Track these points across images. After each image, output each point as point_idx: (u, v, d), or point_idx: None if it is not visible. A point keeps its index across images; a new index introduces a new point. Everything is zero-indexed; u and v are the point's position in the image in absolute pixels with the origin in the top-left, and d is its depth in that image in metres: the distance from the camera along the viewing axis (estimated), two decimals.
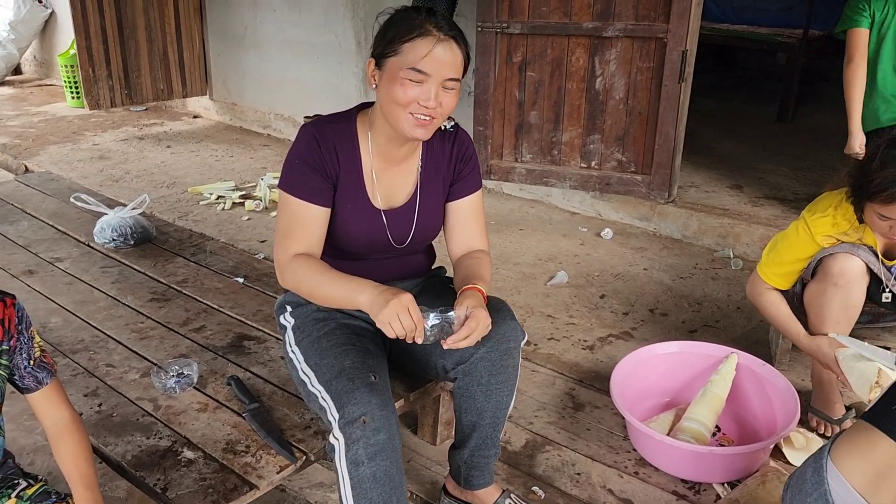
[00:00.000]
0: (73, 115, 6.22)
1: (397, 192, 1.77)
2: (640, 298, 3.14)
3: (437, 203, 1.81)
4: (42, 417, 1.38)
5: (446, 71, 1.57)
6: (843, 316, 2.10)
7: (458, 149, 1.81)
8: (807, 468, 1.40)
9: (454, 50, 1.58)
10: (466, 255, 1.81)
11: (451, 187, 1.82)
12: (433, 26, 1.56)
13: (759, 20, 6.18)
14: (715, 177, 4.25)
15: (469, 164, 1.82)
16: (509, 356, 1.69)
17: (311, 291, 1.66)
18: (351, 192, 1.72)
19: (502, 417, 1.76)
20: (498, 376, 1.69)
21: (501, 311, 1.71)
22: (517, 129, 3.89)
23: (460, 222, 1.83)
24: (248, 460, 1.65)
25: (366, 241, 1.76)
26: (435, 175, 1.80)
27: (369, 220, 1.74)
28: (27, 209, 3.17)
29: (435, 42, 1.55)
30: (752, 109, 5.83)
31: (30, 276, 2.55)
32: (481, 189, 1.86)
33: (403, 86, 1.56)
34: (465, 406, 1.74)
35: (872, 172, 1.87)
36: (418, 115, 1.59)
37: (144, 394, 1.90)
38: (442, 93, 1.58)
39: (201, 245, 2.86)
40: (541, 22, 3.65)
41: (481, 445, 1.77)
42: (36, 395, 1.36)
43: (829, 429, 2.23)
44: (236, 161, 5.07)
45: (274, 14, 5.40)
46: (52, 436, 1.38)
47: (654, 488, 2.01)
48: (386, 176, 1.76)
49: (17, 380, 1.35)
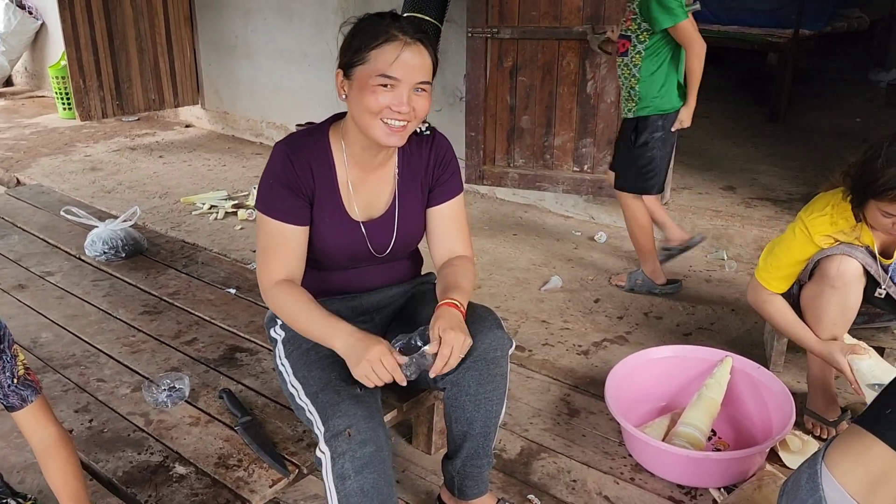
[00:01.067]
0: (65, 127, 6.21)
1: (375, 202, 1.76)
2: (634, 302, 3.13)
3: (416, 209, 1.80)
4: (29, 436, 1.37)
5: (416, 74, 1.56)
6: (840, 318, 2.10)
7: (437, 153, 1.79)
8: (802, 474, 1.39)
9: (422, 53, 1.57)
10: (447, 264, 1.79)
11: (431, 192, 1.80)
12: (398, 31, 1.55)
13: (749, 21, 6.19)
14: (707, 178, 4.25)
15: (448, 168, 1.80)
16: (496, 365, 1.67)
17: (290, 324, 1.66)
18: (328, 206, 1.70)
19: (493, 426, 1.74)
20: (486, 385, 1.67)
21: (487, 321, 1.69)
22: (509, 134, 3.89)
23: (442, 228, 1.81)
24: (240, 474, 1.64)
25: (346, 253, 1.75)
26: (413, 181, 1.78)
27: (348, 234, 1.72)
28: (17, 223, 3.16)
29: (402, 46, 1.54)
30: (743, 110, 5.84)
31: (20, 291, 2.54)
32: (462, 193, 1.84)
33: (374, 93, 1.55)
34: (454, 416, 1.72)
35: (878, 171, 1.85)
36: (391, 122, 1.57)
37: (136, 408, 1.88)
38: (414, 97, 1.57)
39: (193, 256, 2.84)
40: (531, 27, 3.65)
41: (473, 455, 1.76)
42: (21, 414, 1.35)
43: (825, 431, 2.22)
44: (229, 170, 5.06)
45: (265, 23, 5.40)
46: (40, 454, 1.36)
47: (650, 494, 2.00)
48: (363, 186, 1.74)
49: (2, 398, 1.33)
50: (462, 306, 1.62)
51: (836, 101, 6.15)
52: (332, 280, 1.81)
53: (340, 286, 1.81)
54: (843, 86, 6.63)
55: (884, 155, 1.85)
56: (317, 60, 5.15)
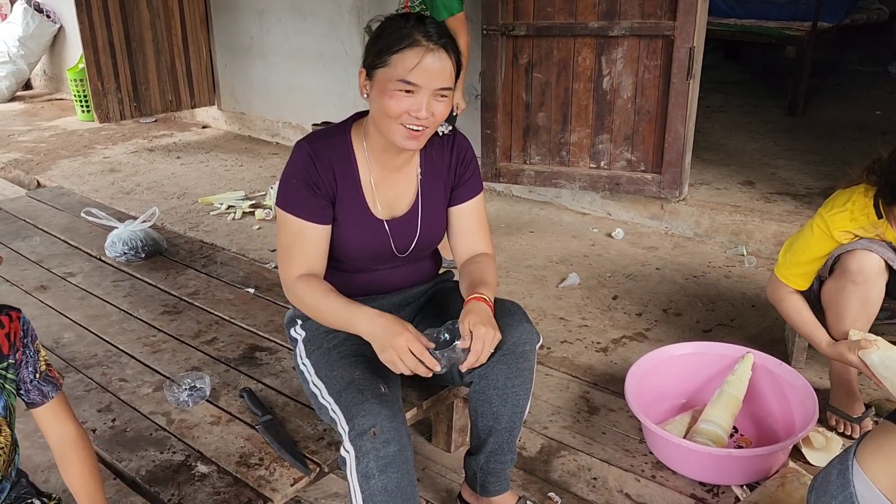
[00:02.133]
0: (84, 129, 6.26)
1: (398, 201, 1.76)
2: (653, 299, 3.11)
3: (439, 209, 1.80)
4: (48, 433, 1.38)
5: (437, 81, 1.55)
6: (861, 313, 2.07)
7: (458, 153, 1.80)
8: (832, 470, 1.37)
9: (444, 59, 1.55)
10: (470, 261, 1.80)
11: (453, 192, 1.81)
12: (422, 36, 1.54)
13: (766, 14, 6.12)
14: (726, 173, 4.22)
15: (469, 167, 1.81)
16: (524, 359, 1.68)
17: (313, 315, 1.67)
18: (351, 205, 1.70)
19: (518, 422, 1.75)
20: (514, 380, 1.68)
21: (515, 315, 1.70)
22: (525, 131, 3.88)
23: (464, 226, 1.83)
24: (261, 473, 1.65)
25: (370, 252, 1.75)
26: (436, 181, 1.78)
27: (372, 232, 1.73)
28: (39, 224, 3.19)
29: (424, 53, 1.53)
30: (761, 104, 5.78)
31: (43, 292, 2.56)
32: (483, 191, 1.85)
33: (394, 98, 1.55)
34: (481, 410, 1.73)
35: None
36: (410, 127, 1.57)
37: (157, 408, 1.90)
38: (433, 103, 1.57)
39: (212, 256, 2.86)
40: (546, 23, 3.64)
41: (497, 451, 1.76)
42: (41, 410, 1.36)
43: (848, 427, 2.20)
44: (246, 170, 5.08)
45: (279, 23, 5.42)
46: (58, 453, 1.37)
47: (671, 492, 1.99)
48: (385, 185, 1.74)
49: (23, 394, 1.34)
50: (490, 301, 1.62)
51: (856, 94, 6.08)
52: (354, 282, 1.80)
53: (363, 287, 1.81)
54: (862, 78, 6.55)
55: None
56: (331, 60, 5.16)
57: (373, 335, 1.52)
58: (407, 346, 1.47)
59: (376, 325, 1.52)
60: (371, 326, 1.53)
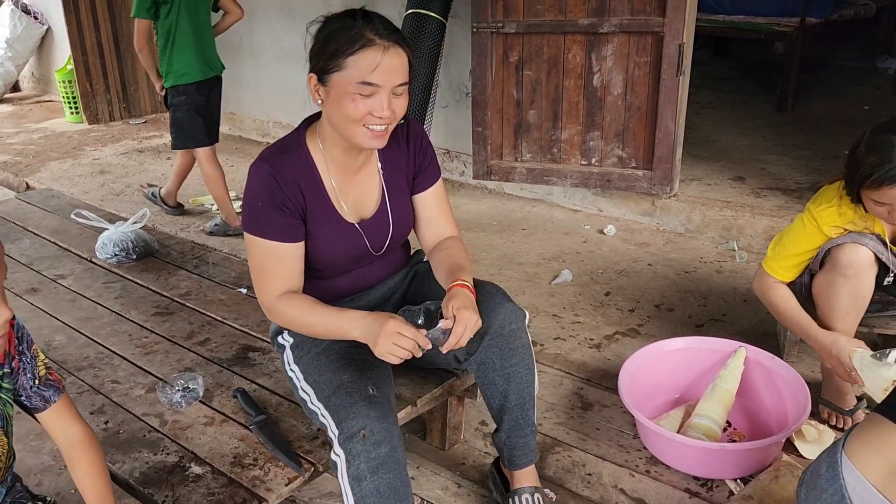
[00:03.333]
0: (73, 131, 6.23)
1: (365, 201, 1.75)
2: (645, 294, 3.12)
3: (405, 200, 1.81)
4: (54, 436, 1.37)
5: (395, 77, 1.54)
6: (852, 306, 2.08)
7: (414, 141, 1.79)
8: (821, 463, 1.38)
9: (400, 54, 1.54)
10: (439, 247, 1.81)
11: (415, 180, 1.81)
12: (374, 34, 1.51)
13: (755, 10, 6.14)
14: (716, 169, 4.23)
15: (427, 154, 1.81)
16: (515, 338, 1.70)
17: (303, 331, 1.67)
18: (321, 216, 1.68)
19: (528, 397, 1.77)
20: (511, 359, 1.70)
21: (496, 296, 1.72)
22: (516, 129, 3.88)
23: (428, 214, 1.84)
24: (256, 473, 1.64)
25: (348, 257, 1.75)
26: (397, 172, 1.78)
27: (347, 237, 1.72)
28: (29, 227, 3.17)
29: (381, 52, 1.50)
30: (751, 100, 5.80)
31: (33, 295, 2.55)
32: (441, 175, 1.85)
33: (354, 101, 1.52)
34: (489, 392, 1.76)
35: (860, 160, 1.88)
36: (373, 127, 1.56)
37: (151, 409, 1.89)
38: (393, 100, 1.56)
39: (203, 257, 2.85)
40: (536, 20, 3.64)
41: (515, 426, 1.79)
42: (45, 414, 1.35)
43: (840, 420, 2.21)
44: (236, 170, 5.06)
45: (269, 22, 5.40)
46: (66, 454, 1.37)
47: (666, 486, 2.00)
48: (349, 187, 1.72)
49: (25, 400, 1.33)
50: (471, 286, 1.63)
51: (844, 89, 6.11)
52: (335, 285, 1.81)
53: (346, 289, 1.82)
54: (850, 74, 6.58)
55: (864, 144, 1.89)
56: None
57: (365, 334, 1.53)
58: (397, 330, 1.47)
59: (366, 324, 1.53)
60: (362, 326, 1.53)
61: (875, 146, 1.85)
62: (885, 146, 1.83)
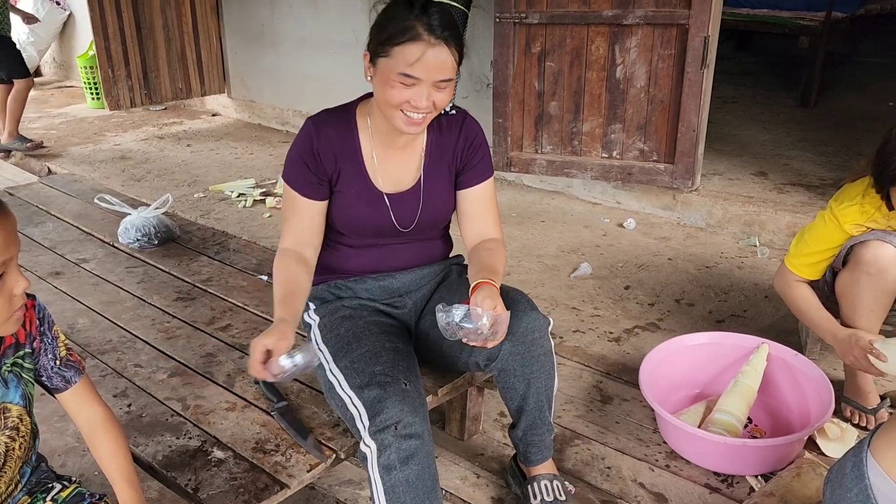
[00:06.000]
0: (94, 116, 6.27)
1: (402, 176, 1.78)
2: (665, 289, 3.10)
3: (444, 187, 1.81)
4: (75, 417, 1.38)
5: (437, 74, 1.56)
6: (876, 304, 2.06)
7: (467, 135, 1.81)
8: (846, 462, 1.37)
9: (445, 52, 1.55)
10: (479, 246, 1.81)
11: (462, 175, 1.82)
12: (424, 28, 1.53)
13: (780, 4, 6.07)
14: (738, 164, 4.20)
15: (479, 151, 1.82)
16: (537, 346, 1.70)
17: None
18: (352, 178, 1.74)
19: (546, 400, 1.78)
20: (531, 366, 1.71)
21: (521, 303, 1.72)
22: (537, 121, 3.86)
23: (473, 210, 1.84)
24: (278, 459, 1.65)
25: (371, 224, 1.77)
26: (441, 159, 1.80)
27: (372, 203, 1.76)
28: (52, 210, 3.20)
29: (426, 48, 1.53)
30: (774, 95, 5.75)
31: (56, 278, 2.57)
32: (493, 176, 1.86)
33: (395, 88, 1.57)
34: (508, 395, 1.77)
35: (889, 156, 1.84)
36: (410, 114, 1.60)
37: (173, 394, 1.90)
38: (434, 92, 1.58)
39: (224, 243, 2.86)
40: (559, 11, 3.61)
41: (532, 426, 1.80)
42: (66, 395, 1.36)
43: (863, 419, 2.19)
44: (256, 158, 5.08)
45: (291, 11, 5.40)
46: (88, 435, 1.38)
47: (685, 481, 1.99)
48: (388, 160, 1.77)
49: (46, 380, 1.34)
50: (497, 287, 1.63)
51: (869, 85, 6.04)
52: (364, 258, 1.83)
53: (373, 264, 1.83)
54: (875, 69, 6.50)
55: (893, 140, 1.85)
56: (342, 48, 5.14)
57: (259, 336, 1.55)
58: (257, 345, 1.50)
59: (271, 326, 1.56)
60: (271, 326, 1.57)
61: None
62: None
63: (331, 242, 1.84)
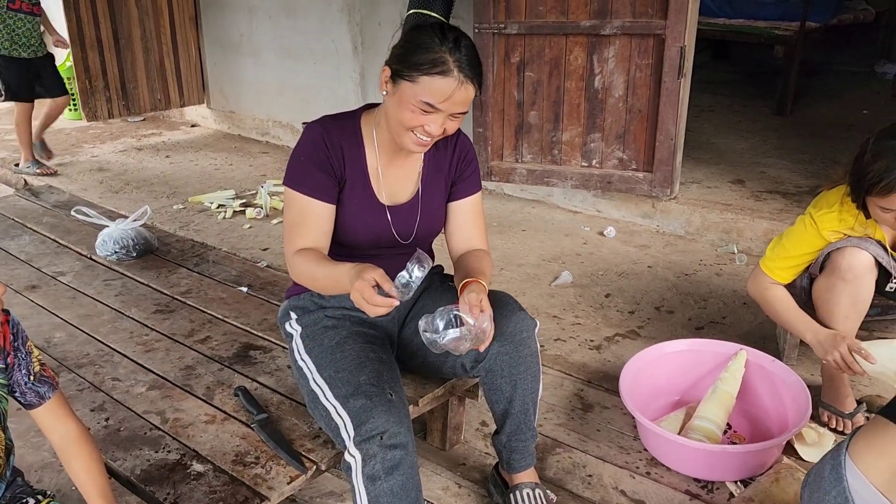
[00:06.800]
0: (71, 128, 6.22)
1: (401, 189, 1.80)
2: (645, 296, 3.13)
3: (439, 201, 1.85)
4: (48, 433, 1.37)
5: (458, 108, 1.60)
6: (852, 310, 2.09)
7: (460, 150, 1.85)
8: (825, 465, 1.38)
9: (471, 90, 1.58)
10: (467, 254, 1.84)
11: (454, 188, 1.86)
12: (455, 65, 1.54)
13: (755, 14, 6.16)
14: (716, 172, 4.24)
15: (470, 165, 1.87)
16: (525, 346, 1.73)
17: (310, 283, 1.70)
18: (357, 188, 1.75)
19: (531, 403, 1.79)
20: (519, 367, 1.73)
21: (509, 305, 1.75)
22: (517, 130, 3.88)
23: (462, 222, 1.87)
24: (258, 472, 1.64)
25: (371, 235, 1.78)
26: (437, 173, 1.83)
27: (374, 215, 1.77)
28: (28, 223, 3.16)
29: (455, 84, 1.55)
30: (750, 104, 5.82)
31: (32, 291, 2.54)
32: (481, 190, 1.90)
33: (413, 112, 1.58)
34: (494, 398, 1.79)
35: (866, 166, 1.88)
36: (420, 136, 1.62)
37: (151, 407, 1.88)
38: (448, 121, 1.61)
39: (204, 255, 2.84)
40: (538, 22, 3.64)
41: (516, 431, 1.81)
42: (40, 411, 1.35)
43: (840, 423, 2.21)
44: (236, 169, 5.06)
45: (270, 21, 5.40)
46: (61, 451, 1.36)
47: (666, 488, 2.00)
48: (390, 173, 1.78)
49: (19, 396, 1.33)
50: (486, 287, 1.65)
51: (843, 93, 6.13)
52: None
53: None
54: (849, 78, 6.60)
55: (870, 150, 1.89)
56: (322, 58, 5.15)
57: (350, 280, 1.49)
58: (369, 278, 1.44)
59: (352, 274, 1.50)
60: (349, 275, 1.51)
61: (881, 152, 1.85)
62: (891, 152, 1.83)
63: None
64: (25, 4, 4.62)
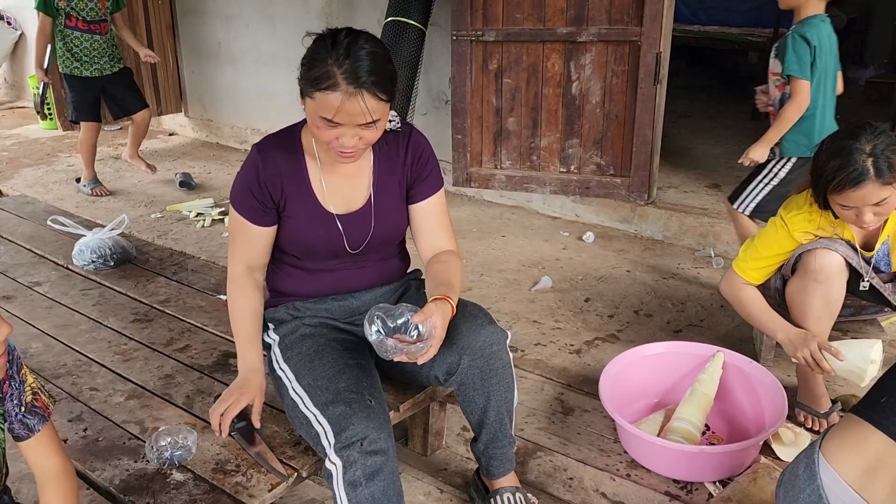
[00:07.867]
0: (47, 137, 6.15)
1: (352, 197, 1.78)
2: (624, 300, 3.15)
3: (395, 204, 1.81)
4: (32, 464, 1.34)
5: (359, 119, 1.54)
6: (824, 311, 2.12)
7: (414, 150, 1.80)
8: (799, 464, 1.40)
9: (366, 99, 1.51)
10: (436, 259, 1.82)
11: (412, 190, 1.82)
12: (344, 77, 1.49)
13: (729, 20, 6.26)
14: (693, 177, 4.29)
15: (427, 165, 1.82)
16: (495, 359, 1.71)
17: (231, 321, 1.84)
18: (300, 201, 1.75)
19: (506, 412, 1.78)
20: (490, 379, 1.71)
21: (478, 318, 1.73)
22: (496, 136, 3.91)
23: (426, 224, 1.85)
24: (238, 479, 1.63)
25: (325, 244, 1.77)
26: (390, 176, 1.80)
27: (323, 226, 1.76)
28: (3, 233, 3.12)
29: (343, 98, 1.50)
30: (726, 109, 5.89)
31: (8, 302, 2.51)
32: (443, 188, 1.87)
33: (320, 128, 1.57)
34: (468, 409, 1.78)
35: (822, 166, 1.95)
36: (340, 150, 1.60)
37: (130, 416, 1.87)
38: (361, 131, 1.57)
39: (182, 263, 2.83)
40: (515, 29, 3.67)
41: (493, 439, 1.81)
42: (27, 444, 1.31)
43: (816, 423, 2.25)
44: (214, 178, 5.04)
45: (248, 29, 5.39)
46: (40, 482, 1.34)
47: (646, 490, 2.01)
48: (335, 182, 1.77)
49: (7, 427, 1.29)
50: (453, 305, 1.65)
51: None
52: (321, 281, 1.83)
53: (330, 287, 1.83)
54: None
55: (824, 151, 1.96)
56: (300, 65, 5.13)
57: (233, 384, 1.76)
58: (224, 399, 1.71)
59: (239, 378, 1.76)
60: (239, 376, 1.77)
61: (835, 152, 1.92)
62: (844, 151, 1.90)
63: (285, 266, 1.85)
64: (81, 22, 4.34)
